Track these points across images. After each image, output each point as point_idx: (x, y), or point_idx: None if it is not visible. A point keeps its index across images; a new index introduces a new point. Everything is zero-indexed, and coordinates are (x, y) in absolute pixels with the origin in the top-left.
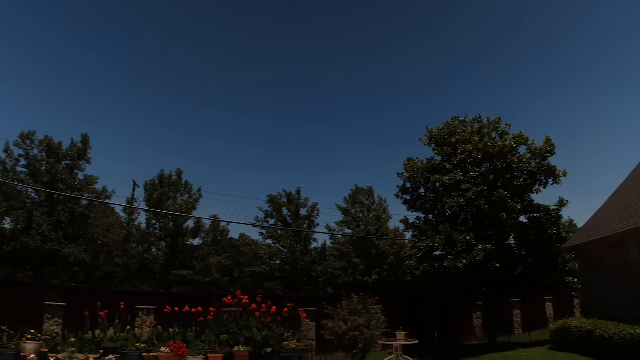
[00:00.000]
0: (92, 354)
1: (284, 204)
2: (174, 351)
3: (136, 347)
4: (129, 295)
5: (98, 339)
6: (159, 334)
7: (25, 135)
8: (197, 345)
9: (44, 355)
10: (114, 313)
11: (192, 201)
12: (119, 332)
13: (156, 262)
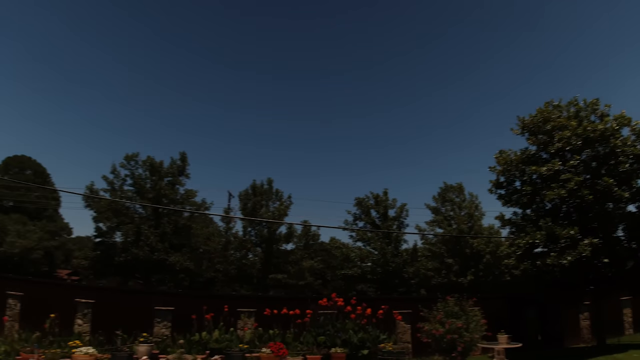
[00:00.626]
0: (199, 354)
1: (371, 206)
2: (274, 352)
3: (239, 348)
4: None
5: (204, 340)
6: (260, 335)
7: (129, 156)
8: (296, 346)
9: (155, 356)
10: (217, 316)
11: (283, 208)
12: (223, 334)
13: (253, 267)
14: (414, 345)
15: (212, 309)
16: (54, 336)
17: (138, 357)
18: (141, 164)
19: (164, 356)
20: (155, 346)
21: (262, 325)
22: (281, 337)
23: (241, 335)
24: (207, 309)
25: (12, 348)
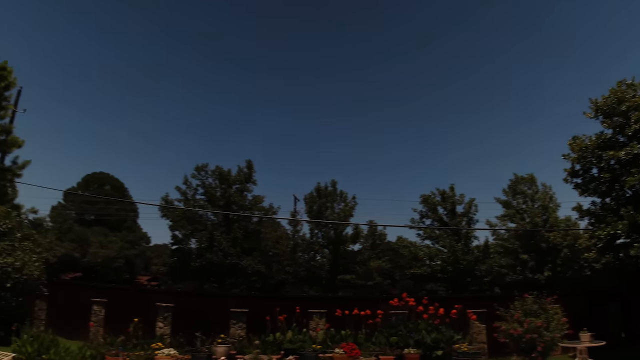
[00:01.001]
0: (274, 354)
1: (438, 202)
2: (347, 352)
3: (312, 348)
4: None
5: (278, 341)
6: (332, 336)
7: (199, 167)
8: (368, 346)
9: (232, 356)
10: (289, 317)
11: (348, 209)
12: (296, 335)
13: (322, 268)
14: (489, 345)
15: (284, 310)
16: (138, 339)
17: (217, 358)
18: (210, 174)
19: (241, 356)
20: (232, 347)
21: (334, 325)
22: (353, 338)
23: (314, 335)
24: (280, 310)
25: (97, 352)
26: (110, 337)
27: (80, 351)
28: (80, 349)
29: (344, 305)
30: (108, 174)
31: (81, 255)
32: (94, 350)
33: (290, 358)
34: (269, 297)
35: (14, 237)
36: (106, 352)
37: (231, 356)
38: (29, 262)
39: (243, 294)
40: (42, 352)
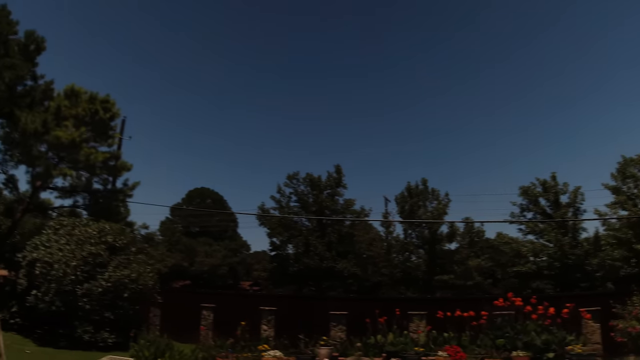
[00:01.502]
0: (376, 357)
1: (539, 193)
2: (451, 355)
3: (415, 351)
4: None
5: (380, 343)
6: (434, 338)
7: (291, 176)
8: (473, 349)
9: (335, 358)
10: (389, 319)
11: (441, 207)
12: (397, 337)
13: (418, 269)
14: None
15: (382, 312)
16: (245, 342)
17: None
18: (302, 181)
19: (343, 358)
20: (334, 349)
21: (435, 328)
22: (457, 340)
23: (415, 338)
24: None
25: (209, 354)
26: (219, 340)
27: (193, 354)
28: (192, 352)
29: (444, 307)
30: (208, 189)
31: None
32: (206, 353)
33: None
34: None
35: (129, 251)
36: (217, 354)
37: (334, 358)
38: (144, 273)
39: (341, 297)
40: (158, 355)
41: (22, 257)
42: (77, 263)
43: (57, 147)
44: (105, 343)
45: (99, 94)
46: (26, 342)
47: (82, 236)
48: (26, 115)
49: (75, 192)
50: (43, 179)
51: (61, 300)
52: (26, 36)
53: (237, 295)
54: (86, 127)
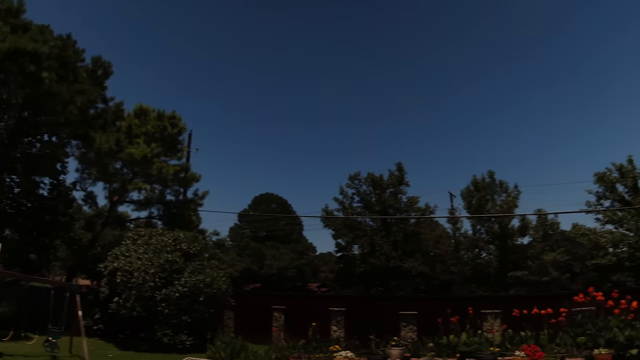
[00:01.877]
0: (449, 357)
1: (616, 179)
2: (529, 355)
3: (490, 351)
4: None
5: (452, 343)
6: (511, 338)
7: (352, 177)
8: (552, 348)
9: (407, 359)
10: (461, 318)
11: (511, 199)
12: (471, 337)
13: (489, 265)
14: None
15: (454, 311)
16: (316, 342)
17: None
18: (363, 181)
19: (415, 358)
20: (406, 349)
21: (510, 326)
22: (534, 339)
23: (489, 337)
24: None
25: (282, 355)
26: (291, 340)
27: (267, 354)
28: (266, 353)
29: (519, 304)
30: (273, 194)
31: (258, 267)
32: (279, 354)
33: None
34: (437, 299)
35: (203, 257)
36: (289, 354)
37: (406, 358)
38: (217, 278)
39: (410, 296)
40: (233, 356)
41: (104, 267)
42: (155, 270)
43: (130, 163)
44: (183, 345)
45: (165, 112)
46: (109, 346)
47: (158, 245)
48: (100, 136)
49: (149, 204)
50: (119, 193)
51: (141, 305)
52: (93, 62)
53: (306, 297)
54: (156, 143)
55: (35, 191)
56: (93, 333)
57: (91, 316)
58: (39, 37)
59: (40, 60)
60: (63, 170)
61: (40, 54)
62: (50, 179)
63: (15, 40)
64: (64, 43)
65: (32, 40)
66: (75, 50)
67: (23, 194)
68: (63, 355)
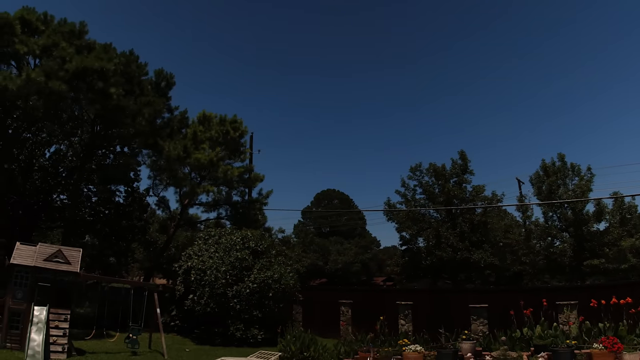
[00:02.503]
0: (524, 351)
1: None
2: (607, 347)
3: (566, 344)
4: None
5: (527, 336)
6: (588, 330)
7: (413, 168)
8: (632, 339)
9: (479, 353)
10: (535, 310)
11: (584, 183)
12: (546, 329)
13: (563, 254)
14: None
15: (527, 303)
16: (385, 336)
17: (462, 354)
18: (425, 172)
19: (488, 353)
20: (477, 343)
21: (587, 318)
22: (613, 331)
23: (566, 330)
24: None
25: (351, 348)
26: (359, 334)
27: (336, 348)
28: (335, 346)
29: (596, 294)
30: (335, 190)
31: (324, 263)
32: (348, 347)
33: (542, 355)
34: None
35: (270, 254)
36: (358, 348)
37: (477, 353)
38: (285, 274)
39: (480, 289)
40: (303, 350)
41: (178, 266)
42: (226, 268)
43: (198, 168)
44: (255, 339)
45: (227, 116)
46: (185, 341)
47: (228, 244)
48: (168, 144)
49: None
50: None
51: (214, 302)
52: (156, 75)
53: (373, 291)
54: (220, 147)
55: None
56: (170, 329)
57: (168, 313)
58: (103, 55)
59: (107, 77)
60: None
61: (107, 71)
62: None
63: (81, 60)
64: (127, 59)
65: (98, 58)
66: (139, 65)
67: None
68: (143, 351)
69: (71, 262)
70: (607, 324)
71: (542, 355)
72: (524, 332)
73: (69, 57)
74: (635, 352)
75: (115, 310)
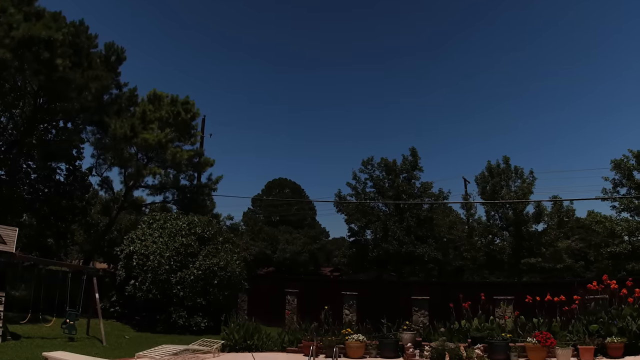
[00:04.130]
0: (461, 342)
1: (633, 166)
2: (541, 342)
3: (502, 337)
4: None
5: (464, 328)
6: (523, 324)
7: (365, 161)
8: (564, 335)
9: (419, 343)
10: (473, 304)
11: (526, 186)
12: (483, 322)
13: (502, 252)
14: None
15: (466, 297)
16: (328, 325)
17: (403, 344)
18: (377, 166)
19: (427, 343)
20: (417, 333)
21: (522, 313)
22: (547, 326)
23: (502, 324)
24: (462, 297)
25: (295, 337)
26: (304, 323)
27: (280, 336)
28: (279, 335)
29: (532, 291)
30: (286, 179)
31: (272, 252)
32: (292, 336)
33: (478, 346)
34: (450, 284)
35: (217, 241)
36: (302, 337)
37: (417, 343)
38: (231, 261)
39: (422, 281)
40: (247, 338)
41: (120, 250)
42: (170, 254)
43: (145, 149)
44: (198, 327)
45: (179, 97)
46: (125, 328)
47: (173, 229)
48: (115, 122)
49: (164, 188)
50: (135, 178)
51: (157, 288)
52: (106, 48)
53: (319, 281)
54: (170, 128)
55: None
56: (110, 315)
57: (108, 299)
58: (52, 24)
59: (54, 47)
60: (79, 156)
61: (54, 41)
62: (67, 165)
63: (29, 27)
64: (76, 29)
65: (46, 27)
66: (88, 37)
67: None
68: (81, 337)
69: (6, 242)
70: (541, 319)
71: (478, 347)
72: (462, 324)
73: (15, 24)
74: (567, 347)
75: (52, 294)
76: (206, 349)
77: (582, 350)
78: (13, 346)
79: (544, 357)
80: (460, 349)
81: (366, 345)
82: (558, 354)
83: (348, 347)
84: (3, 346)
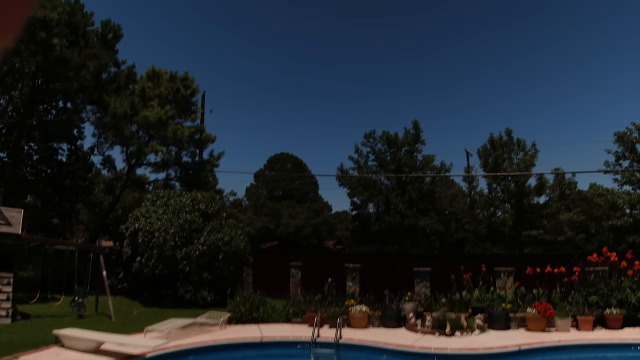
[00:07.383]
0: (462, 312)
1: (636, 139)
2: (540, 312)
3: (502, 307)
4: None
5: (465, 299)
6: (523, 295)
7: (367, 135)
8: (564, 306)
9: (420, 313)
10: (474, 275)
11: (528, 158)
12: (484, 293)
13: (504, 224)
14: None
15: (467, 268)
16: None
17: (405, 314)
18: (379, 140)
19: (429, 313)
20: (419, 304)
21: (523, 284)
22: (546, 297)
23: (502, 294)
24: (464, 268)
25: (299, 309)
26: (308, 295)
27: (285, 308)
28: (284, 307)
29: (532, 263)
30: (288, 154)
31: (275, 226)
32: (296, 308)
33: (479, 316)
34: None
35: (221, 216)
36: (306, 308)
37: (419, 313)
38: (235, 236)
39: (424, 254)
40: (253, 310)
41: (125, 228)
42: (175, 230)
43: (146, 126)
44: (204, 301)
45: (178, 73)
46: (133, 304)
47: (177, 205)
48: (114, 100)
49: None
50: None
51: (163, 264)
52: (103, 26)
53: (322, 254)
54: (170, 105)
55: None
56: (118, 292)
57: (115, 275)
58: (47, 3)
59: (50, 27)
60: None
61: (50, 20)
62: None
63: None
64: (72, 8)
65: (41, 6)
66: (84, 15)
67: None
68: (90, 314)
69: (12, 224)
70: (541, 290)
71: (479, 317)
72: (463, 295)
73: None
74: (566, 318)
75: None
76: (213, 322)
77: (581, 321)
78: (23, 326)
79: (543, 327)
80: (461, 318)
81: (369, 315)
82: (557, 324)
83: (352, 317)
84: (13, 326)
